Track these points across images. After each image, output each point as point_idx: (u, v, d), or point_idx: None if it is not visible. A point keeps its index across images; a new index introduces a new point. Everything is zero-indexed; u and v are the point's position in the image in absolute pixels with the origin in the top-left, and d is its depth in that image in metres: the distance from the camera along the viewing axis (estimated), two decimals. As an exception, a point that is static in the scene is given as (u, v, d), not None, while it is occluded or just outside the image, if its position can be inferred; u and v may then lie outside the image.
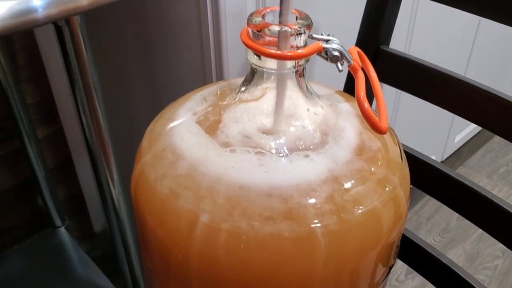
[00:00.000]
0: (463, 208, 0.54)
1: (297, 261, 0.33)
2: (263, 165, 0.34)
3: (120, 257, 0.77)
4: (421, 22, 0.90)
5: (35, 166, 0.97)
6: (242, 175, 0.33)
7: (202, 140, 0.37)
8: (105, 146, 0.64)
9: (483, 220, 0.53)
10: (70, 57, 0.56)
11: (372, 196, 0.34)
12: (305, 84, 0.37)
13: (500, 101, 0.49)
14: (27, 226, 1.13)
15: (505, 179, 1.46)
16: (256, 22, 0.34)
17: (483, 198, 0.51)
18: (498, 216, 0.50)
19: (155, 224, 0.36)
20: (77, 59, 0.56)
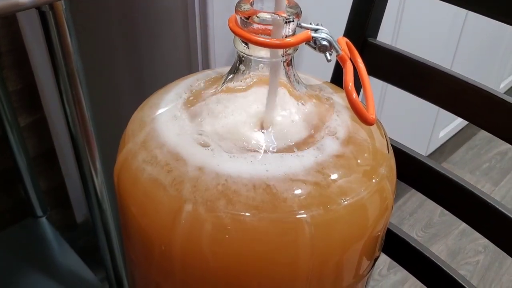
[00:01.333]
0: (447, 202, 0.54)
1: (282, 252, 0.32)
2: (249, 156, 0.34)
3: (102, 247, 0.77)
4: (408, 15, 0.90)
5: (17, 155, 0.95)
6: (227, 165, 0.33)
7: (186, 129, 0.36)
8: (89, 135, 0.63)
9: (467, 214, 0.53)
10: (54, 43, 0.55)
11: (358, 188, 0.34)
12: (293, 74, 0.36)
13: (485, 95, 0.49)
14: (7, 216, 1.11)
15: (487, 175, 1.48)
16: (244, 9, 0.34)
17: (467, 192, 0.51)
18: (482, 210, 0.51)
19: (138, 213, 0.36)
20: (61, 46, 0.55)
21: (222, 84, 0.37)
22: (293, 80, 0.36)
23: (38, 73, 1.00)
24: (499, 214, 0.49)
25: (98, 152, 0.66)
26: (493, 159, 1.53)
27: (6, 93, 0.88)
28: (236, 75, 0.37)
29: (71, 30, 0.55)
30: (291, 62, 0.36)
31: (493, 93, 0.49)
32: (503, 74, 1.55)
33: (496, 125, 0.50)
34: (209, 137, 0.35)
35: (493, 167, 1.51)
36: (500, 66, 1.49)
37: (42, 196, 1.04)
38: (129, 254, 0.43)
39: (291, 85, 0.36)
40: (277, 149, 0.34)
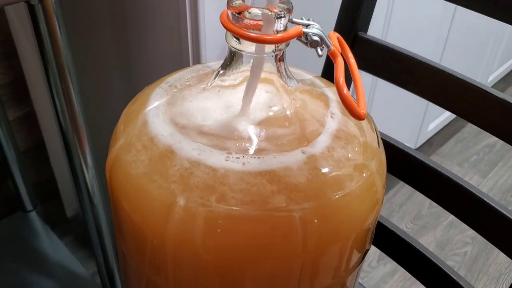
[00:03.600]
0: (435, 194, 0.55)
1: (274, 246, 0.33)
2: (240, 153, 0.34)
3: (94, 242, 0.76)
4: (398, 9, 0.91)
5: (6, 149, 0.94)
6: (218, 162, 0.33)
7: (175, 125, 0.36)
8: (79, 129, 0.63)
9: (454, 206, 0.54)
10: (43, 37, 0.54)
11: (349, 182, 0.34)
12: (284, 69, 0.37)
13: (473, 89, 0.50)
14: (-4, 210, 1.11)
15: (475, 167, 1.49)
16: (236, 4, 0.34)
17: (455, 184, 0.52)
18: (469, 202, 0.51)
19: (130, 208, 0.36)
20: (50, 39, 0.55)
21: (214, 79, 0.38)
22: (284, 75, 0.37)
23: (26, 66, 1.00)
24: (486, 206, 0.50)
25: (88, 146, 0.65)
26: (481, 151, 1.55)
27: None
28: (228, 70, 0.37)
29: (61, 23, 0.55)
30: (282, 57, 0.36)
31: (480, 87, 0.49)
32: (491, 67, 1.56)
33: (484, 118, 0.51)
34: (199, 133, 0.35)
35: (481, 159, 1.52)
36: (489, 60, 1.50)
37: (31, 190, 1.04)
38: (121, 249, 0.43)
39: (283, 80, 0.36)
40: (269, 145, 0.34)
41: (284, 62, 0.36)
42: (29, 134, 1.09)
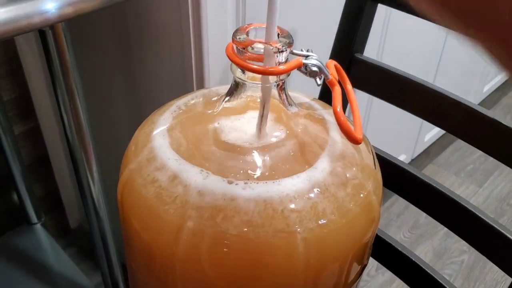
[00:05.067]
0: (429, 207, 0.57)
1: (278, 266, 0.35)
2: (245, 176, 0.36)
3: (99, 253, 0.79)
4: (393, 32, 0.93)
5: (11, 162, 0.96)
6: (224, 185, 0.35)
7: (183, 150, 0.39)
8: (86, 146, 0.65)
9: (448, 219, 0.56)
10: (53, 61, 0.57)
11: (348, 203, 0.36)
12: (286, 96, 0.39)
13: (466, 109, 0.52)
14: (2, 222, 1.12)
15: (471, 176, 1.52)
16: (240, 39, 0.36)
17: (447, 198, 0.54)
18: (462, 215, 0.54)
19: (141, 228, 0.38)
20: (60, 63, 0.57)
21: (219, 106, 0.40)
22: (285, 103, 0.39)
23: (31, 82, 1.02)
24: (478, 219, 0.52)
25: (95, 161, 0.68)
26: (477, 160, 1.57)
27: (1, 102, 0.90)
28: (233, 97, 0.39)
29: (70, 48, 0.57)
30: (283, 85, 0.38)
31: (469, 106, 0.52)
32: (486, 78, 1.59)
33: (472, 135, 0.53)
34: (205, 158, 0.38)
35: (477, 168, 1.55)
36: (484, 70, 1.53)
37: (36, 203, 1.06)
38: (130, 264, 0.45)
39: (284, 107, 0.39)
40: (272, 170, 0.36)
41: (285, 90, 0.39)
42: (33, 148, 1.11)
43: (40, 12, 0.47)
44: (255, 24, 0.37)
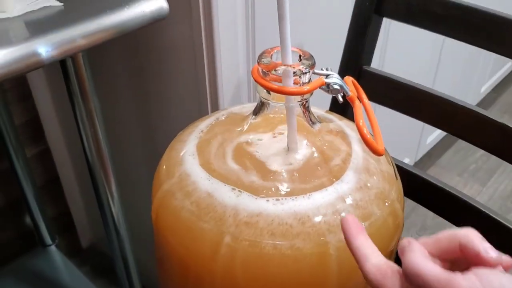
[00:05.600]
0: (437, 207, 0.59)
1: (312, 276, 0.37)
2: (277, 193, 0.38)
3: (120, 271, 0.80)
4: (393, 41, 0.96)
5: (25, 186, 0.98)
6: (256, 202, 0.37)
7: (213, 168, 0.40)
8: (106, 167, 0.67)
9: (455, 217, 0.58)
10: (73, 87, 0.59)
11: (375, 211, 0.38)
12: (309, 114, 0.41)
13: (467, 112, 0.54)
14: (16, 245, 1.14)
15: (474, 176, 1.54)
16: (265, 62, 0.38)
17: (454, 197, 0.56)
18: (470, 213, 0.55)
19: (178, 245, 0.40)
20: (79, 89, 0.59)
21: (246, 124, 0.42)
22: (309, 121, 0.41)
23: (40, 107, 1.04)
24: (484, 215, 0.54)
25: (114, 180, 0.69)
26: (479, 160, 1.59)
27: (13, 127, 0.92)
28: (259, 116, 0.41)
29: (89, 75, 0.59)
30: (307, 104, 0.40)
31: (470, 108, 0.54)
32: (483, 79, 1.62)
33: (473, 135, 0.55)
34: (236, 176, 0.39)
35: (480, 168, 1.57)
36: (480, 73, 1.56)
37: (49, 225, 1.07)
38: (162, 278, 0.47)
39: (309, 124, 0.41)
40: (302, 185, 0.38)
41: (309, 108, 0.41)
42: (44, 171, 1.13)
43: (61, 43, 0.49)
44: (279, 47, 0.39)
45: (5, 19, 0.50)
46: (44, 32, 0.49)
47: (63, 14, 0.52)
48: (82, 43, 0.51)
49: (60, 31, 0.50)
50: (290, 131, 0.39)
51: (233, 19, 0.61)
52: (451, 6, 0.54)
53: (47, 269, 1.04)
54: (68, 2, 0.53)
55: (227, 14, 0.60)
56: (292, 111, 0.39)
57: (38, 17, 0.51)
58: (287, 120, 0.39)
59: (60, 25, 0.50)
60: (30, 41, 0.48)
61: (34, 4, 0.52)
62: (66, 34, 0.50)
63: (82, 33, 0.50)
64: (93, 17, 0.51)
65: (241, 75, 0.67)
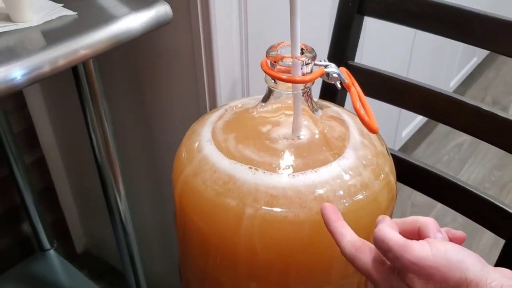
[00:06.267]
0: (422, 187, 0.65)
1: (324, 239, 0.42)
2: (290, 168, 0.44)
3: (127, 268, 0.84)
4: (370, 37, 1.03)
5: (24, 192, 1.01)
6: (273, 177, 0.43)
7: (231, 150, 0.46)
8: (114, 167, 0.72)
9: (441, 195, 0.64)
10: (83, 90, 0.64)
11: (373, 182, 0.44)
12: (311, 101, 0.47)
13: (444, 97, 0.61)
14: (13, 252, 1.16)
15: (448, 166, 1.63)
16: (272, 54, 0.44)
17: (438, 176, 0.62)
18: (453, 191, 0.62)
19: (201, 221, 0.45)
20: (90, 92, 0.64)
21: (256, 110, 0.48)
22: (311, 107, 0.47)
23: (35, 116, 1.07)
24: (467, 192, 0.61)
25: (122, 180, 0.74)
26: (451, 151, 1.68)
27: (12, 134, 0.95)
28: (267, 103, 0.47)
29: (99, 79, 0.64)
30: (309, 92, 0.46)
31: (449, 95, 0.61)
32: (451, 75, 1.71)
33: (451, 119, 0.62)
34: (252, 156, 0.45)
35: (452, 158, 1.66)
36: (448, 68, 1.65)
37: (48, 230, 1.11)
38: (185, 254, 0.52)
39: (312, 110, 0.47)
40: (310, 161, 0.44)
41: (311, 95, 0.47)
42: (40, 178, 1.16)
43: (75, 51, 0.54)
44: (284, 42, 0.45)
45: (25, 29, 0.54)
46: (61, 41, 0.53)
47: (77, 22, 0.56)
48: (94, 50, 0.55)
49: (75, 39, 0.54)
50: (296, 115, 0.45)
51: (229, 24, 0.67)
52: (425, 4, 0.60)
53: (48, 272, 1.08)
54: (81, 11, 0.58)
55: (224, 20, 0.65)
56: (298, 97, 0.44)
57: (55, 26, 0.55)
58: (294, 105, 0.45)
59: (74, 34, 0.54)
60: (48, 49, 0.52)
61: (51, 14, 0.56)
62: (80, 42, 0.54)
63: (95, 41, 0.55)
64: (104, 25, 0.56)
65: (236, 75, 0.73)
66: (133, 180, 0.97)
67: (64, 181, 1.20)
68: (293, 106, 0.45)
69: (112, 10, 0.58)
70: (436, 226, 0.35)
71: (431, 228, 0.35)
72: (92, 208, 1.21)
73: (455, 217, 1.38)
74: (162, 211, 0.99)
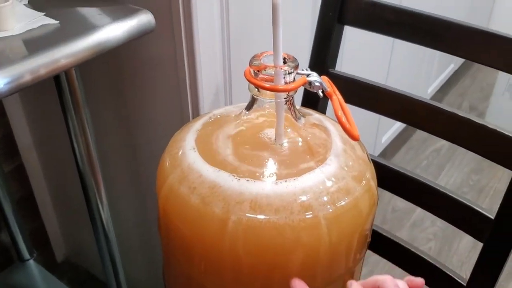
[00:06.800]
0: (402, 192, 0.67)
1: (307, 244, 0.43)
2: (273, 176, 0.44)
3: (108, 273, 0.84)
4: (349, 45, 1.05)
5: (2, 200, 1.00)
6: (257, 185, 0.43)
7: (215, 158, 0.46)
8: (96, 174, 0.72)
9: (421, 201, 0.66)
10: (65, 98, 0.63)
11: (354, 188, 0.45)
12: (294, 109, 0.48)
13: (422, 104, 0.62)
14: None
15: (427, 171, 1.65)
16: (256, 64, 0.45)
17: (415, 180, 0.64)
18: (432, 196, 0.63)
19: (187, 230, 0.46)
20: (72, 100, 0.64)
21: (240, 119, 0.48)
22: (294, 115, 0.48)
23: (13, 123, 1.06)
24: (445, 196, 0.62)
25: (104, 187, 0.74)
26: (430, 156, 1.71)
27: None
28: (251, 111, 0.47)
29: (81, 87, 0.64)
30: (292, 100, 0.47)
31: (426, 102, 0.62)
32: (428, 81, 1.74)
33: (429, 125, 0.63)
34: (236, 164, 0.45)
35: (431, 163, 1.68)
36: (426, 75, 1.68)
37: (28, 239, 1.09)
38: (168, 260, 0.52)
39: (295, 118, 0.48)
40: (293, 168, 0.45)
41: (293, 104, 0.47)
42: (19, 186, 1.14)
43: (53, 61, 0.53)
44: (268, 52, 0.45)
45: (7, 37, 0.54)
46: (43, 49, 0.53)
47: (59, 31, 0.56)
48: (76, 59, 0.55)
49: (57, 48, 0.54)
50: (278, 123, 0.46)
51: (211, 32, 0.67)
52: (403, 13, 0.62)
53: (28, 283, 1.06)
54: (63, 19, 0.58)
55: (206, 28, 0.66)
56: (280, 105, 0.45)
57: (37, 35, 0.55)
58: (276, 113, 0.45)
59: (57, 42, 0.54)
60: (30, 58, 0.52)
61: (33, 22, 0.56)
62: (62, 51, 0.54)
63: (77, 50, 0.55)
64: (87, 33, 0.56)
65: (219, 83, 0.73)
66: (115, 188, 0.96)
67: (43, 189, 1.19)
68: (276, 115, 0.45)
69: (94, 18, 0.58)
70: (393, 282, 0.38)
71: (388, 285, 0.38)
72: (73, 216, 1.20)
73: (434, 221, 1.41)
74: (144, 219, 0.99)
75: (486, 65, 0.58)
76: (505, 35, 0.55)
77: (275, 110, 0.45)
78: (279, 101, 0.45)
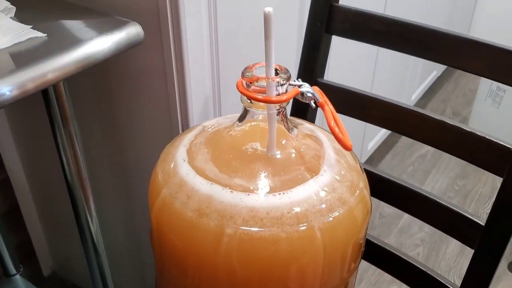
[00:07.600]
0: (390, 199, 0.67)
1: (303, 255, 0.43)
2: (267, 188, 0.44)
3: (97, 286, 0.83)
4: (334, 53, 1.06)
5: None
6: (251, 198, 0.43)
7: (207, 172, 0.46)
8: (85, 187, 0.71)
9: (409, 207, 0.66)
10: (54, 111, 0.63)
11: (348, 198, 0.45)
12: (287, 120, 0.48)
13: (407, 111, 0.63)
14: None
15: (413, 177, 1.67)
16: (248, 75, 0.45)
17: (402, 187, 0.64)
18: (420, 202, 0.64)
19: (182, 244, 0.45)
20: (60, 114, 0.63)
21: (232, 130, 0.48)
22: (287, 126, 0.48)
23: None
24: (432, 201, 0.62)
25: (93, 200, 0.73)
26: (416, 162, 1.73)
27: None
28: (243, 123, 0.47)
29: (69, 100, 0.63)
30: (285, 111, 0.47)
31: (411, 108, 0.63)
32: (413, 88, 1.76)
33: (414, 131, 0.63)
34: (229, 177, 0.45)
35: (417, 169, 1.70)
36: (410, 82, 1.70)
37: (14, 254, 1.07)
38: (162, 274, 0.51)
39: (287, 130, 0.48)
40: (288, 181, 0.45)
41: (286, 115, 0.47)
42: (4, 199, 1.13)
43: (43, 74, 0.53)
44: (260, 63, 0.45)
45: (-7, 51, 0.53)
46: (31, 63, 0.52)
47: (47, 44, 0.56)
48: (64, 72, 0.54)
49: (44, 62, 0.53)
50: (271, 135, 0.46)
51: (200, 44, 0.67)
52: (390, 23, 0.62)
53: (15, 298, 1.04)
54: (51, 32, 0.57)
55: (195, 39, 0.66)
56: (273, 117, 0.45)
57: (24, 48, 0.55)
58: (268, 125, 0.45)
59: (44, 56, 0.53)
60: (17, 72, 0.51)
61: (20, 36, 0.55)
62: (50, 64, 0.54)
63: (65, 63, 0.54)
64: (75, 46, 0.55)
65: (208, 94, 0.73)
66: (104, 201, 0.95)
67: (29, 202, 1.18)
68: (268, 126, 0.45)
69: (83, 31, 0.58)
70: None
71: None
72: (59, 229, 1.19)
73: (422, 227, 1.42)
74: (133, 231, 0.98)
75: (470, 72, 0.59)
76: (488, 42, 0.56)
77: (268, 122, 0.45)
78: (271, 112, 0.46)
